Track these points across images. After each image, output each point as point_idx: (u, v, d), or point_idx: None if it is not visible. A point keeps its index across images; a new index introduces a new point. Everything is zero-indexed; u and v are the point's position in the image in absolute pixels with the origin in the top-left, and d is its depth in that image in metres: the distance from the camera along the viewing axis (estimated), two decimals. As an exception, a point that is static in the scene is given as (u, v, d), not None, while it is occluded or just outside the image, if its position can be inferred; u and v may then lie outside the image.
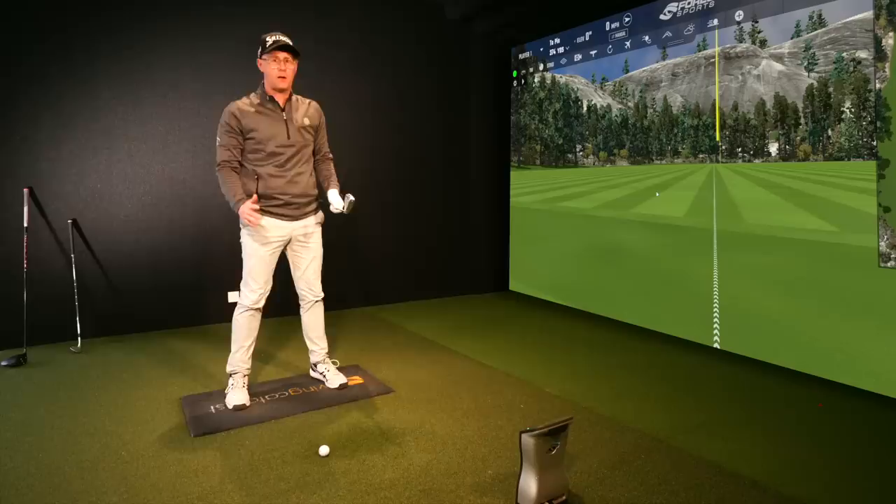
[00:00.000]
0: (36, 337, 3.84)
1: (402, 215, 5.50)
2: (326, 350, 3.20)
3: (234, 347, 2.91)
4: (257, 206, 2.67)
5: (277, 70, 2.72)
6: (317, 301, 3.10)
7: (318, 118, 2.99)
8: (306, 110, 2.91)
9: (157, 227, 4.33)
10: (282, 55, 2.71)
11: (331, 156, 3.11)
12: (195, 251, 4.41)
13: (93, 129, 4.09)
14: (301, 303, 3.11)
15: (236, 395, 2.84)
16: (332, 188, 2.98)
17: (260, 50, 2.75)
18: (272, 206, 2.81)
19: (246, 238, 2.83)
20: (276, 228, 2.83)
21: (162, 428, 2.60)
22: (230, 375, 2.93)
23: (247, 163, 2.79)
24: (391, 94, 5.37)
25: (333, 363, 3.27)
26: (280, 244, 2.89)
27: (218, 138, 2.75)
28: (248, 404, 2.81)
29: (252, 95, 2.81)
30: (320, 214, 3.05)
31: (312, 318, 3.12)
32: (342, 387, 3.07)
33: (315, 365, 3.21)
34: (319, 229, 3.05)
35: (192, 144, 4.41)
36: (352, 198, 2.82)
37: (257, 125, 2.74)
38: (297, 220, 2.89)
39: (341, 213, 2.88)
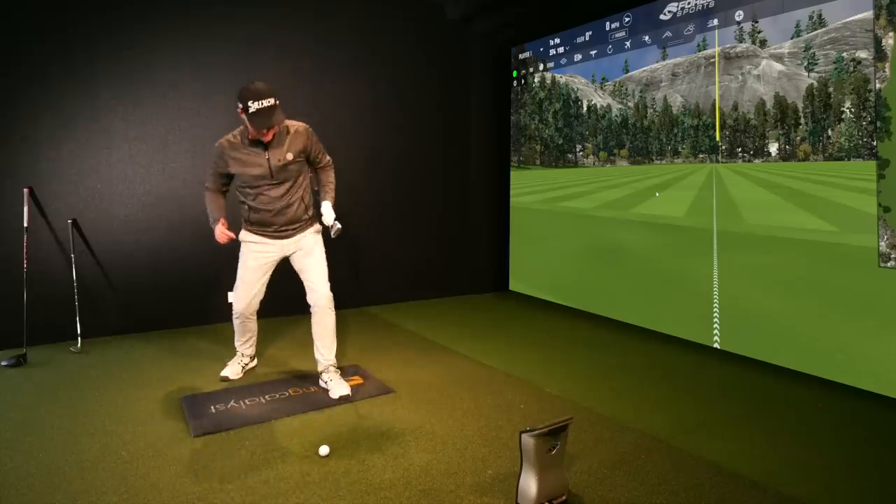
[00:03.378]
0: (36, 337, 3.84)
1: (402, 215, 5.50)
2: (332, 361, 3.09)
3: (235, 338, 3.32)
4: (226, 229, 2.96)
5: (261, 135, 2.75)
6: (326, 308, 3.04)
7: (306, 144, 2.94)
8: (290, 143, 2.87)
9: (157, 227, 4.33)
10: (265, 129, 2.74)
11: (330, 163, 3.14)
12: (195, 251, 4.41)
13: (93, 129, 4.09)
14: (312, 310, 3.08)
15: (228, 367, 3.26)
16: (327, 200, 3.01)
17: (241, 105, 2.67)
18: (264, 230, 3.00)
19: (241, 250, 3.08)
20: (268, 245, 3.01)
21: (162, 428, 2.60)
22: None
23: (239, 194, 2.98)
24: (391, 94, 5.37)
25: (336, 371, 3.12)
26: (271, 260, 3.06)
27: (210, 167, 2.99)
28: (231, 378, 3.21)
29: (238, 134, 2.88)
30: (316, 225, 3.11)
31: (320, 327, 3.06)
32: (343, 399, 2.92)
33: (321, 374, 3.11)
34: (318, 237, 3.10)
35: (192, 144, 4.41)
36: (339, 226, 2.88)
37: (240, 167, 2.85)
38: (287, 238, 3.02)
39: (329, 231, 2.95)
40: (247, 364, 3.37)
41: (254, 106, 2.64)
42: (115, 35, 4.12)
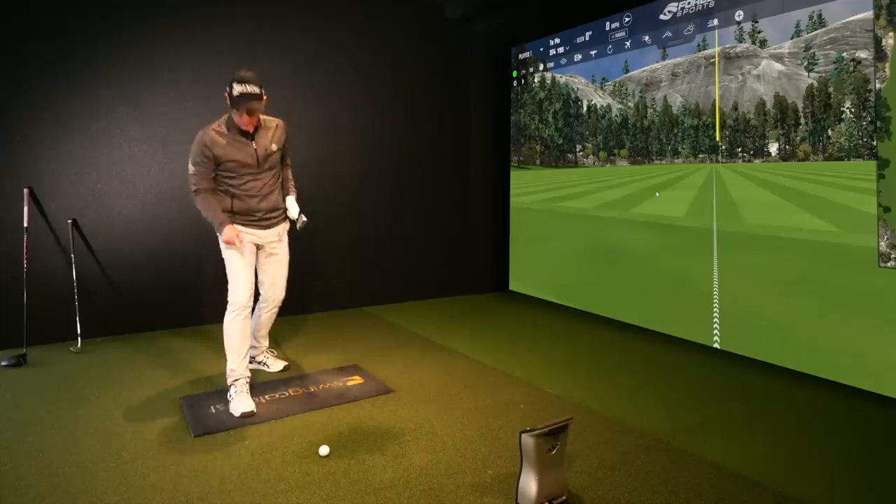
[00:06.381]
0: (36, 337, 3.84)
1: (402, 215, 5.50)
2: (267, 346, 3.48)
3: (230, 357, 2.90)
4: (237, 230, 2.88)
5: (242, 122, 2.80)
6: (278, 306, 3.29)
7: (284, 138, 3.08)
8: (273, 135, 2.99)
9: (157, 227, 4.33)
10: (246, 115, 2.76)
11: (290, 163, 3.27)
12: (195, 251, 4.41)
13: (93, 129, 4.09)
14: (262, 305, 3.25)
15: (242, 402, 2.77)
16: (290, 195, 3.18)
17: (228, 89, 2.75)
18: (247, 220, 2.98)
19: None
20: (251, 235, 2.99)
21: (162, 428, 2.60)
22: (231, 384, 2.88)
23: (222, 184, 2.94)
24: (391, 94, 5.37)
25: (271, 352, 3.55)
26: (254, 246, 3.05)
27: (191, 166, 2.84)
28: (255, 411, 2.76)
29: (222, 124, 2.87)
30: (286, 223, 3.21)
31: (268, 321, 3.33)
32: (285, 368, 3.43)
33: (253, 357, 3.36)
34: (286, 237, 3.22)
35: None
36: (304, 218, 3.02)
37: (228, 155, 2.85)
38: (268, 228, 3.07)
39: (295, 225, 3.06)
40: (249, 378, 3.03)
41: (238, 89, 2.72)
42: (115, 35, 4.12)
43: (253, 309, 3.08)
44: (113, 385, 3.16)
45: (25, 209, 3.80)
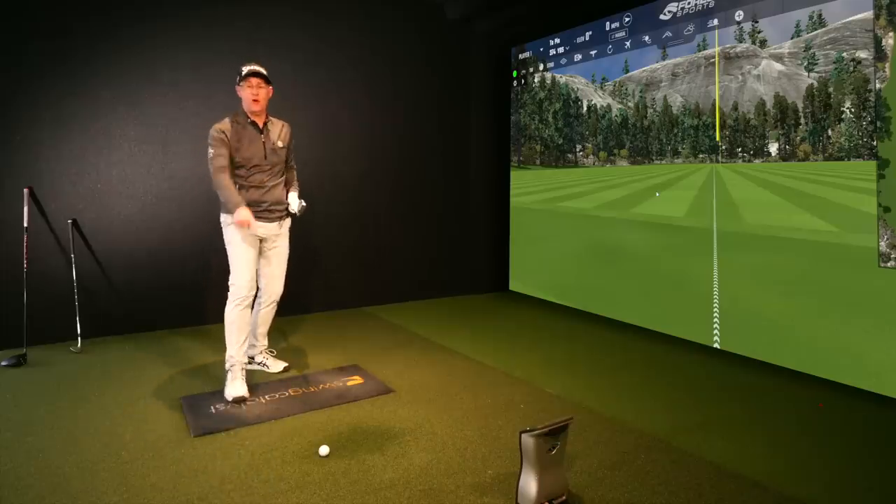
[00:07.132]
0: (36, 337, 3.84)
1: (402, 215, 5.50)
2: (266, 345, 3.48)
3: (229, 344, 3.03)
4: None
5: (251, 94, 3.00)
6: (276, 301, 3.35)
7: (289, 138, 3.27)
8: (280, 133, 3.19)
9: (157, 227, 4.33)
10: (254, 80, 2.99)
11: (295, 166, 3.39)
12: (195, 251, 4.41)
13: (93, 129, 4.09)
14: (261, 300, 3.30)
15: (235, 386, 2.94)
16: (293, 192, 3.31)
17: (238, 78, 3.02)
18: (253, 210, 3.06)
19: (231, 234, 3.06)
20: (257, 226, 3.07)
21: (162, 428, 2.60)
22: (228, 369, 3.02)
23: (232, 176, 3.06)
24: (391, 94, 5.37)
25: (270, 352, 3.54)
26: (258, 238, 3.13)
27: (211, 150, 2.98)
28: (247, 396, 2.91)
29: (232, 118, 3.05)
30: (289, 219, 3.31)
31: (267, 317, 3.37)
32: (286, 369, 3.43)
33: (253, 357, 3.40)
34: (287, 233, 3.31)
35: (193, 144, 4.40)
36: (303, 203, 3.19)
37: (240, 144, 3.02)
38: (272, 221, 3.17)
39: (296, 215, 3.21)
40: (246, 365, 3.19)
41: (245, 68, 3.00)
42: (115, 35, 4.12)
43: (252, 304, 3.15)
44: (113, 385, 3.16)
45: (25, 209, 3.80)
